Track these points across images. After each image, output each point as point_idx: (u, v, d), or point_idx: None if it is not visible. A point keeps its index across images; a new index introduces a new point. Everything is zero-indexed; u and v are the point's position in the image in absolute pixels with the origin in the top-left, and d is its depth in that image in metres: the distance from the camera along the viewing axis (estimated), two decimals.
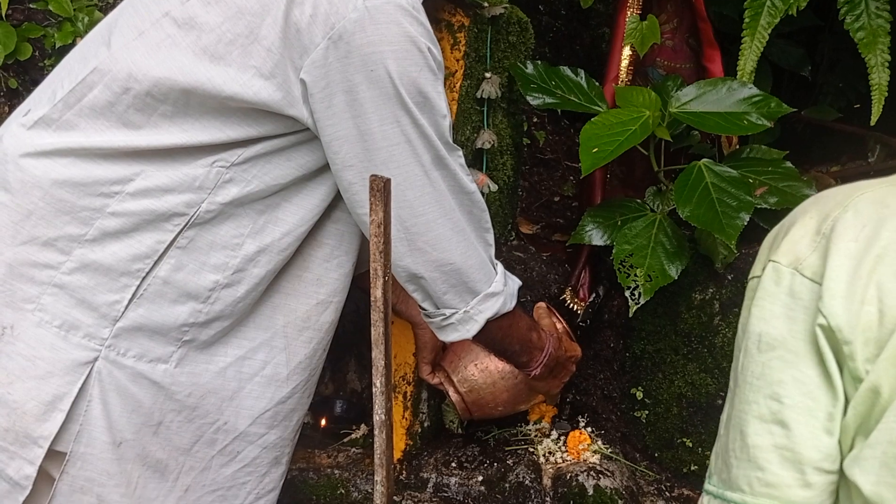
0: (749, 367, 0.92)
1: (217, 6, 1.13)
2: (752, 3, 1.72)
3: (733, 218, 1.49)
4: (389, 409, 1.07)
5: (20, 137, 1.20)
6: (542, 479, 1.70)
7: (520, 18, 1.80)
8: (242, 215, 1.25)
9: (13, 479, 1.22)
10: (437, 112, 1.17)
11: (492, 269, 1.36)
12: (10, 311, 1.19)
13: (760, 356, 0.91)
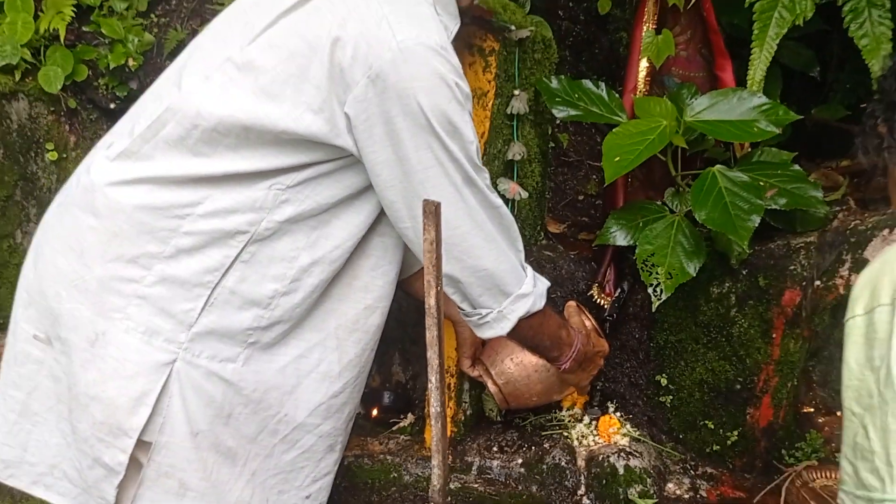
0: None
1: (272, 51, 1.23)
2: (760, 16, 1.77)
3: (745, 220, 1.56)
4: (444, 402, 1.17)
5: (105, 169, 1.33)
6: (577, 460, 1.78)
7: (544, 37, 1.88)
8: (297, 231, 1.35)
9: (109, 465, 1.34)
10: (464, 138, 1.26)
11: (522, 273, 1.44)
12: (101, 320, 1.31)
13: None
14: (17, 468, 1.44)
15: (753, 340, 1.74)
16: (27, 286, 1.41)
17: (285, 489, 1.50)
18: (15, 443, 1.43)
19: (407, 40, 1.19)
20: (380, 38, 1.19)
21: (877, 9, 1.77)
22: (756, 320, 1.73)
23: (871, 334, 1.01)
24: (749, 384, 1.76)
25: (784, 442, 1.86)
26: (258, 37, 1.25)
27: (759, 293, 1.71)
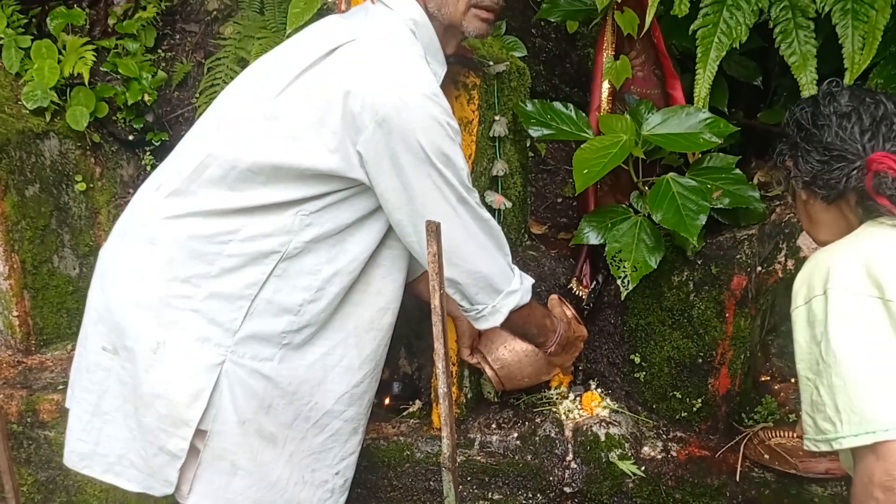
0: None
1: (295, 103, 1.48)
2: (702, 41, 2.03)
3: (694, 220, 1.82)
4: (449, 385, 1.42)
5: (159, 205, 1.57)
6: (565, 431, 2.04)
7: (518, 66, 2.13)
8: (320, 249, 1.59)
9: (172, 451, 1.59)
10: (457, 166, 1.51)
11: (510, 273, 1.70)
12: (161, 331, 1.56)
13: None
14: (91, 459, 1.68)
15: (710, 320, 2.00)
16: (95, 306, 1.65)
17: (318, 467, 1.74)
18: (89, 438, 1.68)
19: (406, 90, 1.44)
20: (383, 89, 1.44)
21: (803, 30, 2.04)
22: (711, 303, 1.99)
23: (812, 318, 1.29)
24: (709, 358, 2.03)
25: (745, 407, 2.12)
26: (283, 91, 1.50)
27: (713, 279, 1.98)
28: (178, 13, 3.05)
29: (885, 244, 1.30)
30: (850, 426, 1.22)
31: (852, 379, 1.23)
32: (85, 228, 2.64)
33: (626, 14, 2.08)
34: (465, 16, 1.58)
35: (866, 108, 1.36)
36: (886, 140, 1.34)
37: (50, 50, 2.61)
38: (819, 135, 1.37)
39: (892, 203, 1.31)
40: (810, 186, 1.39)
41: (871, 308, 1.24)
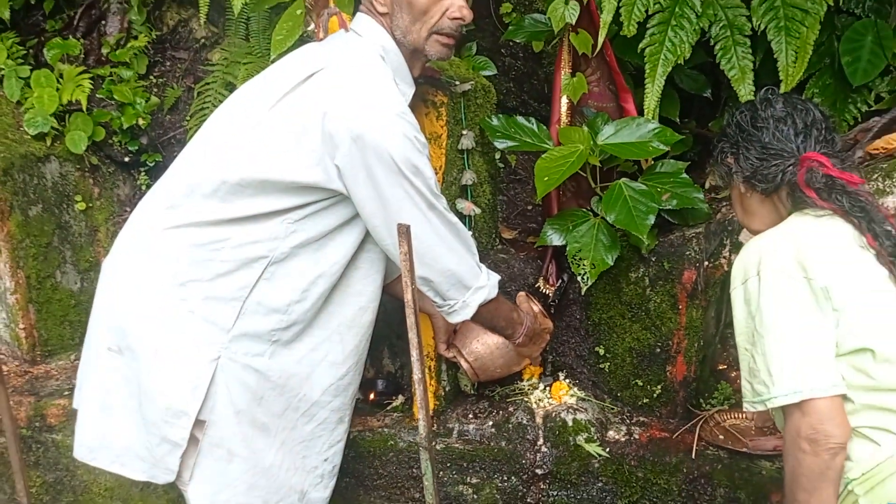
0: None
1: (278, 125, 1.64)
2: (650, 58, 2.22)
3: (644, 219, 2.00)
4: (424, 371, 1.56)
5: (158, 218, 1.73)
6: (536, 418, 2.20)
7: (483, 85, 2.31)
8: (304, 253, 1.74)
9: (173, 440, 1.73)
10: (425, 176, 1.67)
11: (478, 270, 1.85)
12: (163, 331, 1.70)
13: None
14: (99, 452, 1.83)
15: (665, 312, 2.18)
16: (101, 311, 1.80)
17: (308, 454, 1.89)
18: (97, 432, 1.82)
19: (377, 110, 1.62)
20: (357, 110, 1.61)
21: (740, 46, 2.23)
22: (665, 296, 2.17)
23: (748, 297, 1.47)
24: (666, 347, 2.20)
25: (703, 392, 2.29)
26: (267, 113, 1.67)
27: (666, 275, 2.15)
28: (168, 41, 3.22)
29: (809, 231, 1.48)
30: (780, 387, 1.40)
31: (782, 347, 1.41)
32: (85, 245, 2.79)
33: (580, 35, 2.26)
34: (427, 41, 1.76)
35: (799, 114, 1.54)
36: (817, 142, 1.53)
37: (49, 79, 2.77)
38: (758, 135, 1.55)
39: (818, 196, 1.49)
40: (750, 181, 1.56)
41: (798, 286, 1.42)
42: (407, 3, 1.73)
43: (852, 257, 1.44)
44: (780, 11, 2.21)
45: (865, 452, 1.40)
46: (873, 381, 1.38)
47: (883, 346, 1.38)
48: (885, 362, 1.38)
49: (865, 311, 1.40)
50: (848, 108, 2.37)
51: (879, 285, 1.43)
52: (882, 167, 1.90)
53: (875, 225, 1.44)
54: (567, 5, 2.26)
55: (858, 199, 1.47)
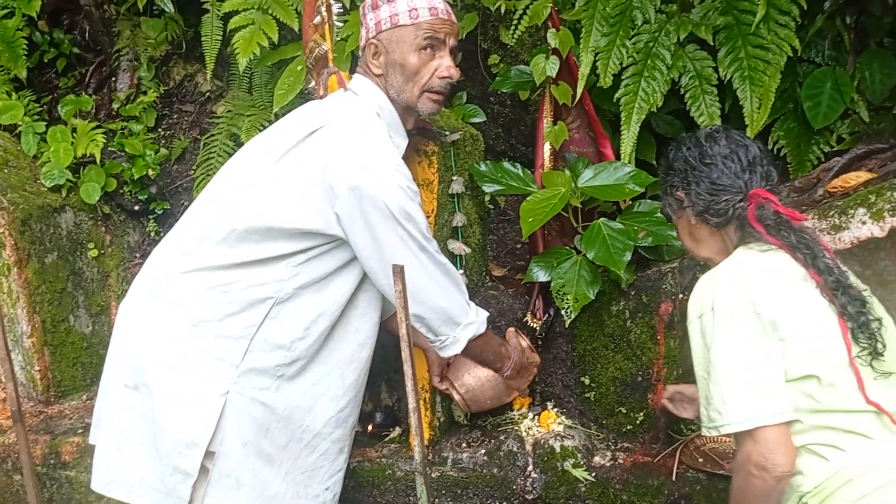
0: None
1: (284, 178, 1.79)
2: (625, 107, 2.39)
3: (621, 256, 2.15)
4: (418, 400, 1.68)
5: (172, 263, 1.87)
6: (525, 446, 2.31)
7: (472, 134, 2.47)
8: (307, 294, 1.87)
9: (185, 470, 1.84)
10: (417, 221, 1.81)
11: (467, 308, 1.98)
12: (176, 368, 1.83)
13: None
14: (115, 484, 1.93)
15: (645, 343, 2.31)
16: (118, 351, 1.93)
17: (310, 483, 1.99)
18: (113, 465, 1.93)
19: (373, 163, 1.77)
20: (354, 163, 1.76)
21: (708, 94, 2.40)
22: (645, 328, 2.30)
23: (704, 330, 1.58)
24: (647, 376, 2.32)
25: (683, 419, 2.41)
26: (272, 166, 1.82)
27: (644, 307, 2.29)
28: (174, 95, 3.41)
29: (757, 267, 1.59)
30: (731, 415, 1.50)
31: (733, 377, 1.51)
32: (97, 290, 2.93)
33: (560, 87, 2.43)
34: (419, 99, 1.92)
35: (742, 151, 1.63)
36: (762, 178, 1.62)
37: (64, 134, 2.94)
38: (707, 171, 1.63)
39: (766, 231, 1.59)
40: (703, 215, 1.65)
41: (748, 320, 1.52)
42: (400, 65, 1.89)
43: (797, 291, 1.55)
44: (744, 62, 2.38)
45: (816, 467, 1.50)
46: (819, 404, 1.49)
47: (826, 373, 1.49)
48: (828, 387, 1.49)
49: (810, 341, 1.51)
50: (811, 150, 2.53)
51: (821, 317, 1.53)
52: (838, 204, 2.04)
53: (818, 260, 1.55)
54: (547, 60, 2.43)
55: (803, 236, 1.57)
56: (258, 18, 2.77)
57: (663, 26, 2.43)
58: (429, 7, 1.88)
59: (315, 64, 2.18)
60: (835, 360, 1.51)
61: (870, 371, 1.51)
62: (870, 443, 1.48)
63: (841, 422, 1.50)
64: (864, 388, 1.49)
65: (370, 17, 1.93)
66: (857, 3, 2.47)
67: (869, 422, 1.49)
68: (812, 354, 1.50)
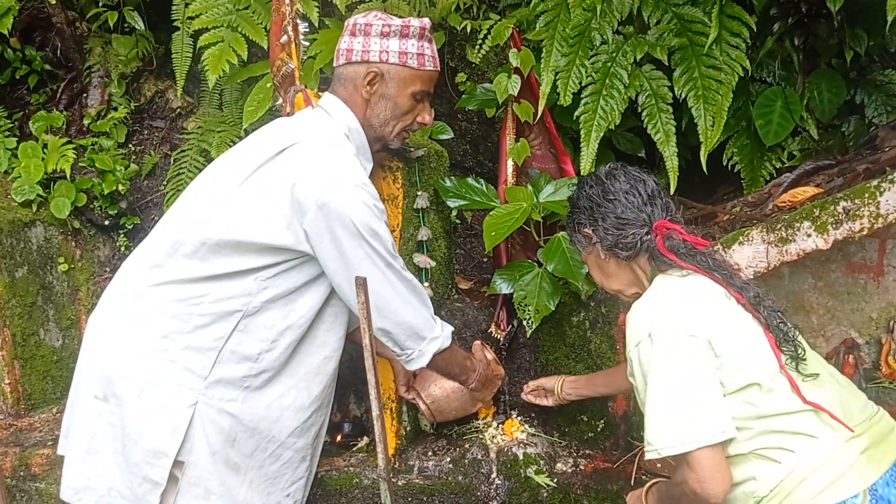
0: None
1: (253, 194, 1.84)
2: (584, 124, 2.48)
3: (580, 268, 2.23)
4: (381, 408, 1.72)
5: (142, 276, 1.91)
6: (490, 454, 2.37)
7: (436, 150, 2.55)
8: (275, 308, 1.91)
9: (154, 480, 1.87)
10: (383, 238, 1.87)
11: (432, 322, 2.03)
12: (145, 378, 1.86)
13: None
14: (84, 493, 1.96)
15: (605, 352, 2.39)
16: (88, 362, 1.96)
17: (272, 491, 2.04)
18: (82, 474, 1.96)
19: (340, 181, 1.83)
20: (322, 181, 1.82)
21: (664, 113, 2.50)
22: (604, 338, 2.38)
23: (640, 358, 1.63)
24: None
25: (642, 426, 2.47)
26: (242, 183, 1.87)
27: (604, 318, 2.37)
28: (145, 111, 3.45)
29: (682, 292, 1.65)
30: (664, 440, 1.55)
31: (666, 403, 1.55)
32: (67, 304, 2.96)
33: (522, 105, 2.52)
34: (396, 137, 2.03)
35: (641, 185, 1.71)
36: (662, 210, 1.71)
37: (35, 150, 2.97)
38: (612, 207, 1.70)
39: (679, 259, 1.67)
40: (612, 249, 1.72)
41: (686, 342, 1.57)
42: (393, 103, 1.97)
43: (722, 310, 1.63)
44: (698, 82, 2.49)
45: (769, 471, 1.58)
46: (762, 410, 1.57)
47: (765, 379, 1.58)
48: (768, 392, 1.58)
49: (744, 354, 1.59)
50: (763, 166, 2.65)
51: (748, 331, 1.62)
52: (785, 218, 2.14)
53: (734, 279, 1.65)
54: (510, 79, 2.52)
55: (714, 259, 1.67)
56: (227, 36, 2.83)
57: (620, 47, 2.53)
58: (432, 56, 1.99)
59: (282, 82, 2.25)
60: (769, 368, 1.60)
61: (797, 375, 1.61)
62: (815, 441, 1.56)
63: (785, 424, 1.58)
64: (799, 390, 1.58)
65: (376, 41, 1.96)
66: (805, 25, 2.59)
67: (810, 421, 1.58)
68: (748, 365, 1.59)
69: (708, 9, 2.48)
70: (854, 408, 1.64)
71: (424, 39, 1.98)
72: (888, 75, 2.69)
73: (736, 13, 2.49)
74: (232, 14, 2.87)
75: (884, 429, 1.65)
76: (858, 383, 2.54)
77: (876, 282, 2.51)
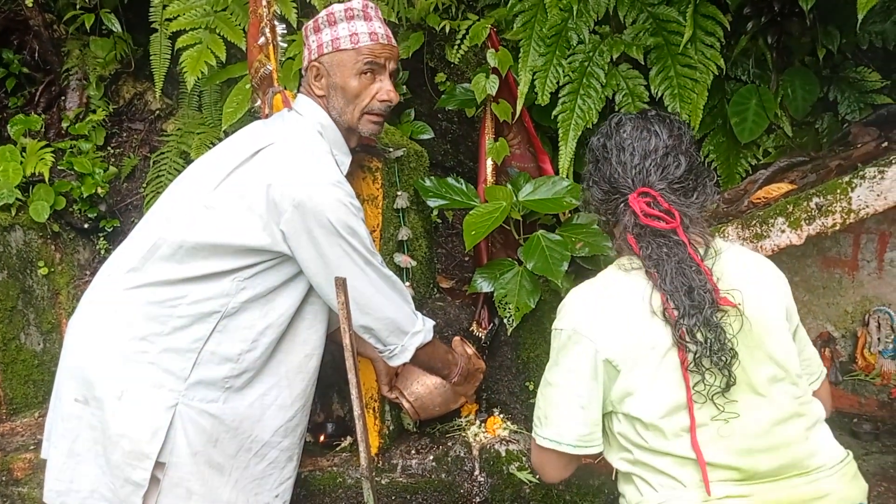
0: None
1: (229, 195, 1.85)
2: (562, 124, 2.51)
3: (559, 266, 2.25)
4: (363, 407, 1.75)
5: (120, 279, 1.92)
6: (473, 451, 2.38)
7: (416, 150, 2.56)
8: (254, 308, 1.92)
9: (136, 481, 1.87)
10: (361, 236, 1.88)
11: (414, 317, 2.05)
12: (125, 381, 1.87)
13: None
14: (67, 495, 1.96)
15: None
16: (68, 365, 1.97)
17: (260, 491, 2.04)
18: (64, 477, 1.96)
19: (315, 180, 1.84)
20: (297, 180, 1.83)
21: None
22: None
23: (551, 342, 1.60)
24: None
25: None
26: (218, 185, 1.88)
27: None
28: (124, 114, 3.44)
29: (613, 297, 1.51)
30: (545, 431, 1.58)
31: (550, 401, 1.58)
32: (47, 308, 2.95)
33: (501, 104, 2.54)
34: (359, 121, 2.00)
35: (640, 141, 1.46)
36: (651, 172, 1.45)
37: (13, 154, 2.95)
38: (604, 168, 1.51)
39: (635, 242, 1.45)
40: (599, 212, 1.57)
41: (584, 354, 1.49)
42: (341, 88, 1.97)
43: (638, 328, 1.46)
44: (674, 80, 2.52)
45: (633, 498, 1.53)
46: (646, 443, 1.48)
47: (651, 417, 1.45)
48: (654, 429, 1.46)
49: (641, 383, 1.45)
50: (739, 163, 2.68)
51: (657, 356, 1.44)
52: (759, 214, 2.17)
53: (667, 282, 1.43)
54: (488, 79, 2.54)
55: (661, 248, 1.44)
56: (206, 37, 2.83)
57: (597, 46, 2.56)
58: (369, 32, 1.96)
59: (260, 83, 2.25)
60: (666, 401, 1.45)
61: (710, 410, 1.44)
62: (681, 491, 1.45)
63: (661, 464, 1.47)
64: (695, 432, 1.43)
65: (312, 39, 2.00)
66: (778, 24, 2.63)
67: (688, 469, 1.45)
68: (641, 397, 1.46)
69: (683, 8, 2.51)
70: (764, 460, 1.45)
71: (356, 19, 1.97)
72: (860, 72, 2.73)
73: (710, 12, 2.52)
74: (210, 16, 2.87)
75: (800, 495, 1.46)
76: (835, 377, 2.59)
77: (851, 276, 2.56)
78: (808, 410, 1.52)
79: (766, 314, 1.50)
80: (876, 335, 2.56)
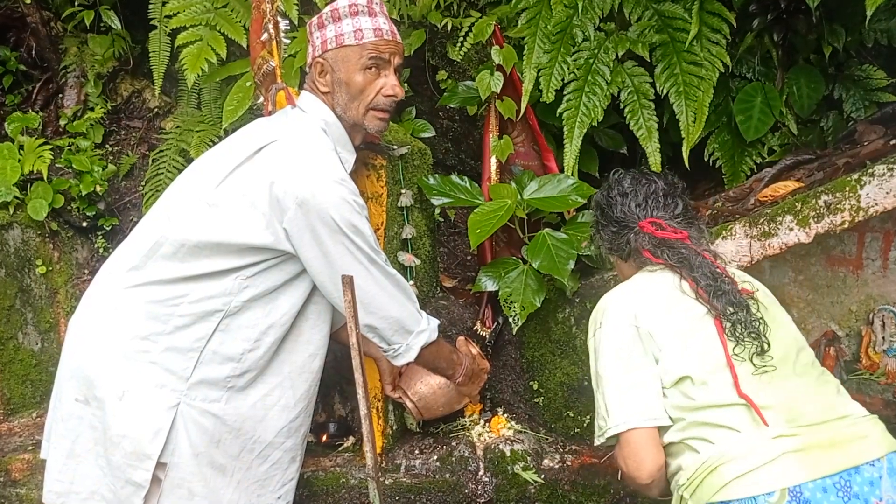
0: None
1: (231, 193, 1.82)
2: (567, 121, 2.48)
3: (565, 265, 2.23)
4: (369, 408, 1.73)
5: (121, 278, 1.89)
6: (477, 451, 2.37)
7: (420, 148, 2.54)
8: (256, 306, 1.90)
9: (137, 482, 1.85)
10: (364, 234, 1.86)
11: (418, 316, 2.03)
12: (126, 381, 1.84)
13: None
14: (67, 497, 1.93)
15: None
16: (69, 365, 1.93)
17: (263, 493, 2.02)
18: (64, 478, 1.93)
19: (318, 178, 1.81)
20: (301, 178, 1.80)
21: (646, 109, 2.51)
22: None
23: (595, 346, 1.76)
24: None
25: None
26: (221, 183, 1.85)
27: (589, 314, 2.33)
28: (122, 111, 3.40)
29: (643, 285, 1.76)
30: (612, 421, 1.66)
31: (613, 387, 1.68)
32: (45, 307, 2.91)
33: (505, 102, 2.52)
34: (364, 117, 1.98)
35: (641, 187, 1.80)
36: (654, 209, 1.78)
37: (11, 151, 2.91)
38: (611, 212, 1.81)
39: (651, 254, 1.75)
40: (611, 251, 1.85)
41: (628, 334, 1.68)
42: (345, 84, 1.95)
43: (673, 301, 1.68)
44: (679, 78, 2.50)
45: (690, 461, 1.61)
46: (696, 402, 1.60)
47: (698, 373, 1.61)
48: (701, 385, 1.60)
49: (683, 347, 1.63)
50: (744, 161, 2.66)
51: (697, 322, 1.66)
52: (767, 212, 2.15)
53: (695, 271, 1.68)
54: (492, 76, 2.52)
55: (681, 251, 1.72)
56: (206, 34, 2.80)
57: (602, 44, 2.53)
58: (373, 28, 1.94)
59: (263, 80, 2.22)
60: (708, 360, 1.62)
61: (749, 367, 1.61)
62: (736, 435, 1.56)
63: (713, 417, 1.59)
64: (739, 383, 1.59)
65: (316, 35, 1.98)
66: (784, 21, 2.61)
67: (739, 415, 1.58)
68: (685, 358, 1.63)
69: (688, 5, 2.49)
70: (808, 408, 1.60)
71: (360, 15, 1.95)
72: (866, 70, 2.71)
73: (716, 9, 2.50)
74: (210, 12, 2.84)
75: (845, 436, 1.57)
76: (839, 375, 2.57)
77: (855, 275, 2.54)
78: (830, 377, 1.71)
79: (775, 306, 1.76)
80: (881, 334, 2.54)
